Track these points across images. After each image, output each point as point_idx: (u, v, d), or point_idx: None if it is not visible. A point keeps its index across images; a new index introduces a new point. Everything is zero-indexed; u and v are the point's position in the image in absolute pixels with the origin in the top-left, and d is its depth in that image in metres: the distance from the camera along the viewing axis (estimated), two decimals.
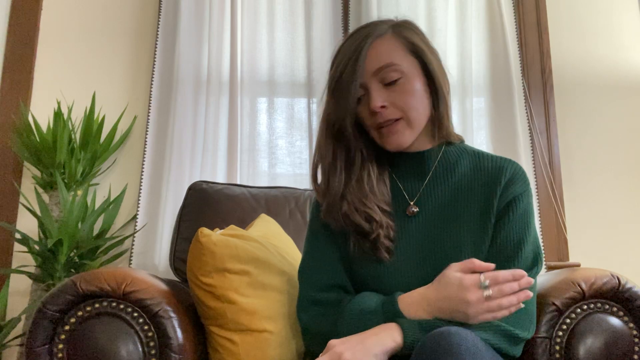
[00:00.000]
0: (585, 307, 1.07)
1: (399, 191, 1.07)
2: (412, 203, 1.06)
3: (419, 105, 1.03)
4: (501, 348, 0.91)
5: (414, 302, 0.93)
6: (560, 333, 1.05)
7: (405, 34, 1.05)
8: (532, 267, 0.98)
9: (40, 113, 2.03)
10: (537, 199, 2.05)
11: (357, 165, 1.04)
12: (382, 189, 1.05)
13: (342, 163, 1.04)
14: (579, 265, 1.99)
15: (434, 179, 1.07)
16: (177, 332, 1.03)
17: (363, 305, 0.97)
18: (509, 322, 0.93)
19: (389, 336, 0.86)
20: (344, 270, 1.06)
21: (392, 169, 1.10)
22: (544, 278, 1.16)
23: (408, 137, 1.02)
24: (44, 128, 1.97)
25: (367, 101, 1.02)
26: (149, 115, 2.01)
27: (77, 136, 1.98)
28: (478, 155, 1.09)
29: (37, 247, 1.77)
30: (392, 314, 0.93)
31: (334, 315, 0.99)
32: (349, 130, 1.02)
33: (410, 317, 0.91)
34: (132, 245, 1.90)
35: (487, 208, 1.02)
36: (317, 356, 0.87)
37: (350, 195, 1.02)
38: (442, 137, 1.08)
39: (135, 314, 1.03)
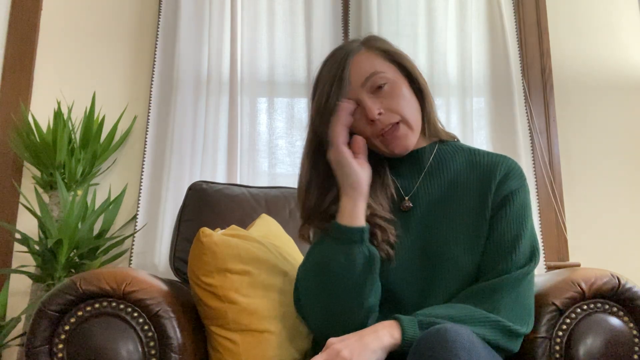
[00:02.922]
0: (585, 307, 1.07)
1: (396, 189, 1.09)
2: (406, 198, 1.07)
3: (412, 106, 1.05)
4: (499, 343, 0.91)
5: (342, 206, 1.00)
6: (560, 333, 1.05)
7: (376, 44, 1.09)
8: (530, 261, 0.99)
9: (40, 113, 2.03)
10: (537, 199, 2.05)
11: (334, 191, 1.03)
12: (381, 199, 1.05)
13: (318, 185, 1.05)
14: (579, 265, 1.99)
15: (428, 175, 1.08)
16: (177, 332, 1.03)
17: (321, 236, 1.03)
18: (507, 316, 0.93)
19: (387, 333, 0.87)
20: None
21: (389, 169, 1.10)
22: (544, 278, 1.16)
23: (411, 138, 1.04)
24: (44, 128, 1.97)
25: (361, 115, 1.03)
26: (149, 115, 2.01)
27: (77, 136, 1.98)
28: (473, 152, 1.11)
29: (37, 247, 1.77)
30: (339, 231, 0.98)
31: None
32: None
33: (350, 217, 0.97)
34: (132, 245, 1.90)
35: (483, 203, 1.03)
36: (320, 348, 0.88)
37: (322, 223, 1.03)
38: (432, 134, 1.10)
39: (135, 314, 1.03)
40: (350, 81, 1.03)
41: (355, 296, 0.96)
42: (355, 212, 0.98)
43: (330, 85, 1.03)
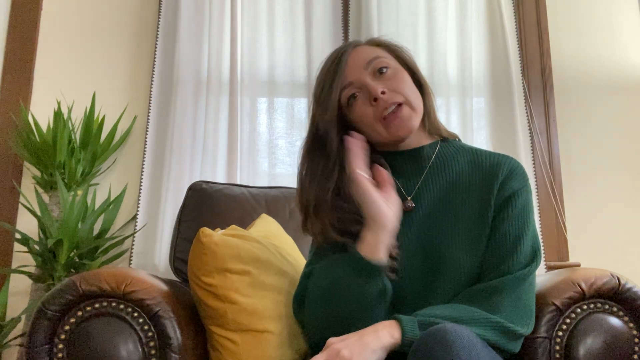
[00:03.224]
0: (585, 307, 1.07)
1: (397, 189, 1.07)
2: (409, 198, 1.06)
3: (415, 92, 1.05)
4: (499, 344, 0.91)
5: (362, 238, 0.96)
6: (560, 333, 1.05)
7: (378, 41, 1.11)
8: (531, 262, 0.99)
9: (40, 113, 2.03)
10: (537, 199, 2.05)
11: (333, 179, 1.03)
12: None
13: (318, 177, 1.04)
14: (579, 265, 1.99)
15: (430, 174, 1.07)
16: (177, 332, 1.03)
17: (332, 257, 1.00)
18: (508, 317, 0.93)
19: (387, 333, 0.87)
20: None
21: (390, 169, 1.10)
22: (544, 278, 1.16)
23: (414, 120, 1.03)
24: (44, 128, 1.97)
25: (364, 98, 1.03)
26: (149, 115, 2.01)
27: (77, 136, 1.98)
28: (475, 152, 1.10)
29: (37, 247, 1.77)
30: (355, 261, 0.95)
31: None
32: (332, 137, 1.03)
33: (369, 252, 0.94)
34: (132, 245, 1.90)
35: (485, 204, 1.03)
36: (318, 349, 0.88)
37: (325, 214, 1.02)
38: (433, 130, 1.10)
39: (135, 314, 1.03)
40: (351, 66, 1.03)
41: (362, 324, 0.92)
42: (377, 245, 0.94)
43: (326, 73, 1.05)
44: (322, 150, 1.05)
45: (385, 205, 0.95)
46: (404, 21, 2.12)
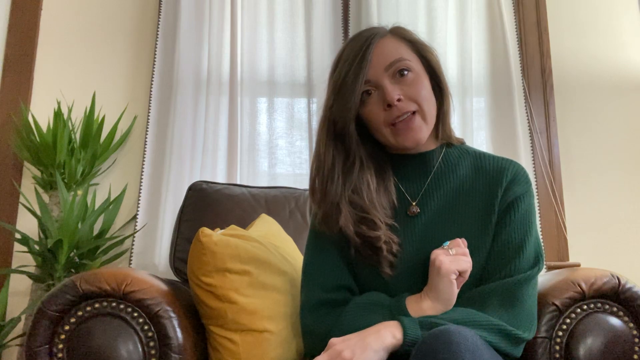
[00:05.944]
0: (585, 307, 1.07)
1: (401, 192, 1.07)
2: (413, 203, 1.06)
3: (430, 101, 1.04)
4: (501, 348, 0.91)
5: (417, 300, 0.96)
6: (560, 333, 1.05)
7: (403, 34, 1.07)
8: (533, 267, 0.98)
9: (40, 113, 2.03)
10: (537, 199, 2.05)
11: (355, 174, 1.03)
12: (384, 201, 1.04)
13: (340, 170, 1.03)
14: (579, 265, 1.99)
15: (435, 179, 1.07)
16: (177, 332, 1.03)
17: (371, 298, 0.99)
18: (509, 321, 0.93)
19: (389, 333, 0.87)
20: (349, 272, 1.06)
21: (393, 171, 1.09)
22: (544, 278, 1.17)
23: (425, 132, 1.02)
24: (44, 128, 1.97)
25: (378, 99, 1.01)
26: (149, 115, 2.01)
27: (77, 136, 1.98)
28: (479, 156, 1.10)
29: (37, 247, 1.77)
30: (398, 310, 0.94)
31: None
32: (351, 131, 1.02)
33: (414, 315, 0.93)
34: (132, 245, 1.90)
35: (489, 208, 1.02)
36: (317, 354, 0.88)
37: (345, 208, 1.01)
38: (444, 136, 1.09)
39: (135, 314, 1.03)
40: (373, 63, 1.01)
41: None
42: (425, 313, 0.94)
43: (350, 64, 1.01)
44: (340, 144, 1.04)
45: (456, 296, 0.95)
46: (404, 21, 2.08)
